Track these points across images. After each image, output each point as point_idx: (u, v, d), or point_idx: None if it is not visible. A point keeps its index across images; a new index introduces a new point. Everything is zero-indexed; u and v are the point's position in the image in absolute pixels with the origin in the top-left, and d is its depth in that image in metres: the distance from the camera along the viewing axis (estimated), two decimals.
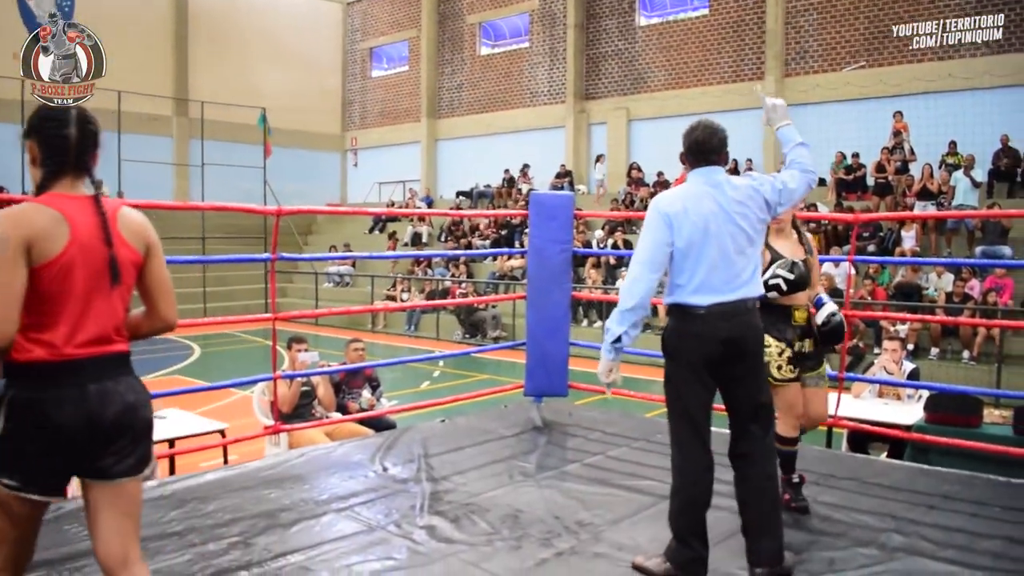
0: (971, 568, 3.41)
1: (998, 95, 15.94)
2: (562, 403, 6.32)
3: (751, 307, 3.22)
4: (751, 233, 3.21)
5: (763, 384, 3.32)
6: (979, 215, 13.18)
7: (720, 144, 3.26)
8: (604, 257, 16.16)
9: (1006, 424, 5.67)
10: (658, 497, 4.22)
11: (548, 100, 22.70)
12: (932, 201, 14.63)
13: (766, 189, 3.26)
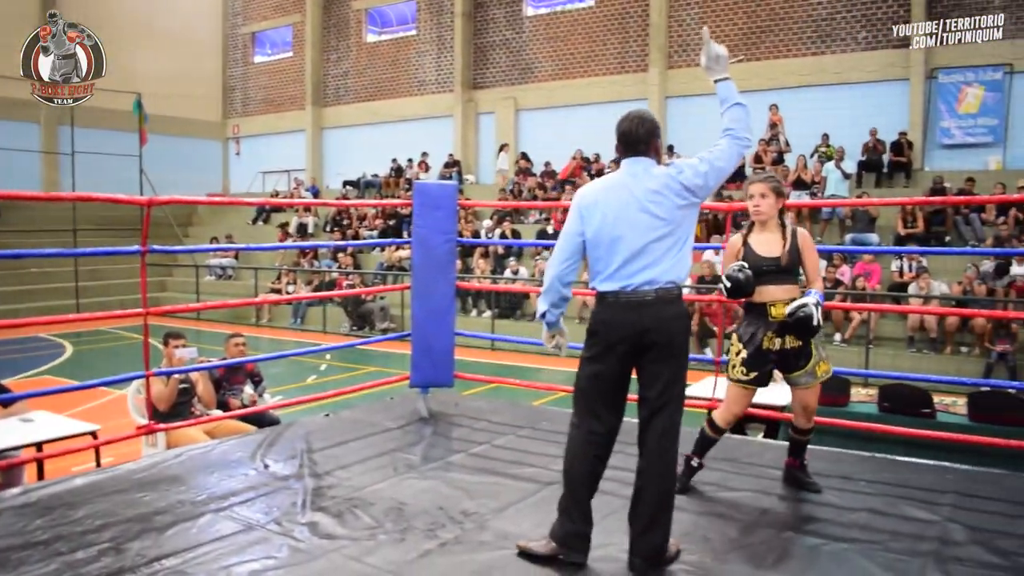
0: (838, 541, 3.59)
1: (868, 89, 16.78)
2: (448, 394, 6.32)
3: (665, 297, 3.20)
4: (668, 221, 3.21)
5: (672, 378, 3.23)
6: (849, 204, 13.85)
7: (647, 134, 3.31)
8: (492, 247, 16.21)
9: (871, 402, 6.00)
10: (542, 484, 4.27)
11: (436, 89, 22.60)
12: (806, 191, 15.29)
13: (686, 175, 3.24)
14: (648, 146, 3.31)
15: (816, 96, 17.18)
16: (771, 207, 4.07)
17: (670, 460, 3.26)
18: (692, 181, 3.24)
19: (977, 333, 11.63)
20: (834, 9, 17.18)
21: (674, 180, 3.24)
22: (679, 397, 3.27)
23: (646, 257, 3.20)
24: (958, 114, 16.29)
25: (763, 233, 4.09)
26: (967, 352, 11.75)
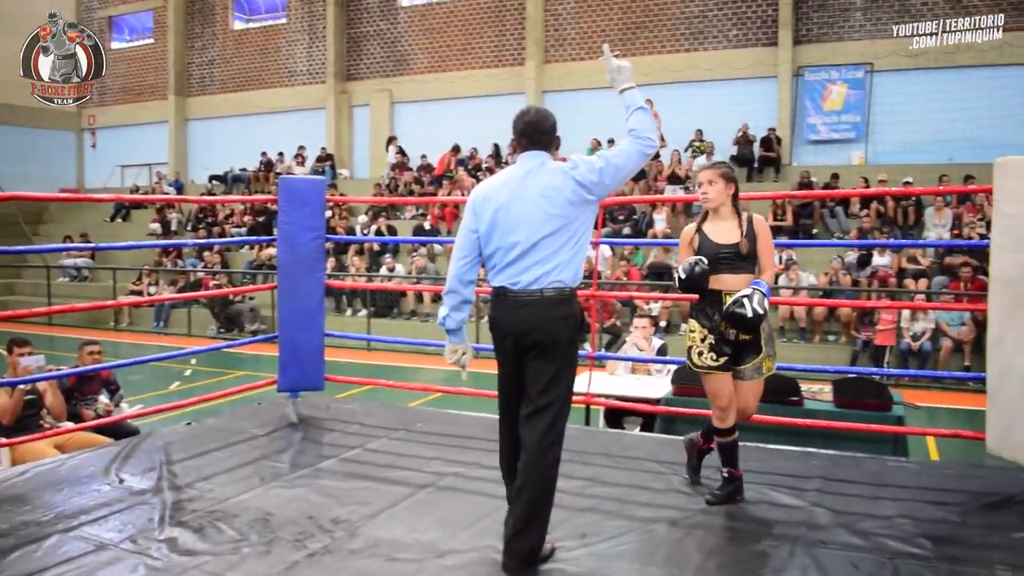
0: (707, 529, 3.69)
1: (739, 86, 17.42)
2: (319, 397, 6.19)
3: (553, 297, 3.20)
4: (560, 218, 3.21)
5: (554, 378, 3.22)
6: None
7: (552, 128, 3.35)
8: (368, 244, 16.01)
9: None
10: (416, 487, 4.23)
11: (308, 80, 22.13)
12: (681, 185, 15.74)
13: (580, 171, 3.25)
14: (551, 140, 3.36)
15: (690, 92, 17.72)
16: (719, 193, 4.00)
17: (550, 461, 3.24)
18: (586, 177, 3.24)
19: (843, 322, 12.25)
20: (706, 7, 17.76)
21: (567, 176, 3.25)
22: (563, 398, 3.26)
23: (536, 254, 3.21)
24: (823, 111, 17.12)
25: (718, 221, 4.04)
26: (834, 340, 12.37)
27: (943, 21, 15.24)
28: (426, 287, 14.58)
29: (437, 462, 4.66)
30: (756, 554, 3.45)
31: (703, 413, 5.47)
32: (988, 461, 4.66)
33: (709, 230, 4.04)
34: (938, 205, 13.82)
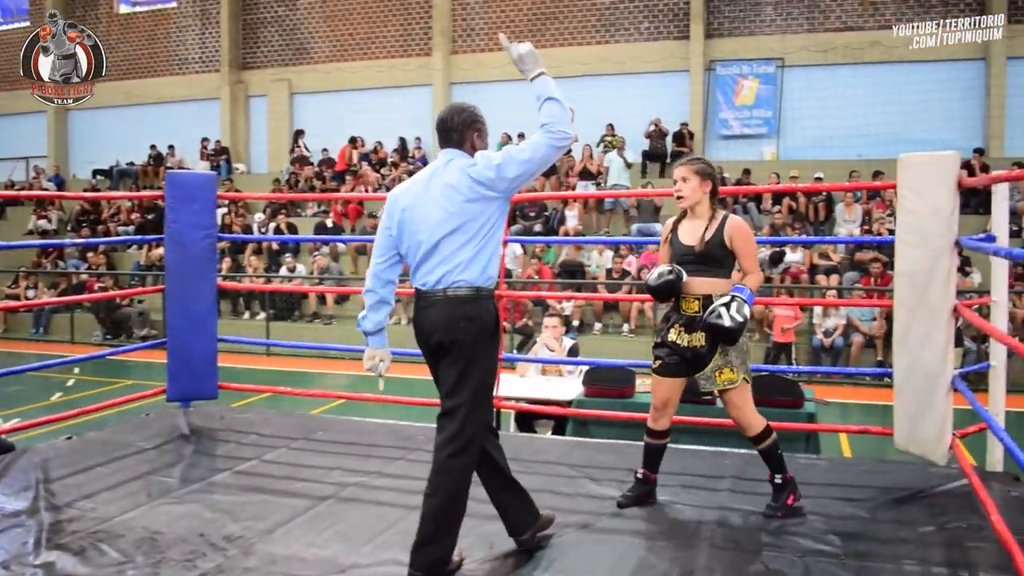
0: (619, 533, 3.74)
1: (651, 80, 17.72)
2: (213, 406, 6.03)
3: (456, 298, 3.22)
4: (458, 216, 3.22)
5: (458, 383, 3.24)
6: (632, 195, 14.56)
7: (461, 124, 3.35)
8: (266, 243, 15.71)
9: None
10: (316, 499, 4.16)
11: (200, 68, 21.59)
12: (592, 181, 15.93)
13: (477, 168, 3.25)
14: (462, 137, 3.36)
15: (601, 85, 17.94)
16: (693, 191, 3.96)
17: (455, 469, 3.23)
18: (482, 175, 3.24)
19: (756, 319, 12.59)
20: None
21: (464, 173, 3.26)
22: (470, 403, 3.25)
23: (438, 255, 3.25)
24: (735, 106, 17.58)
25: (693, 220, 4.01)
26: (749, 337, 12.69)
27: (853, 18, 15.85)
28: (329, 288, 14.40)
29: (338, 472, 4.60)
30: (667, 557, 3.50)
31: (616, 415, 5.55)
32: (897, 457, 4.84)
33: (682, 229, 4.03)
34: (848, 201, 14.34)
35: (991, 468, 4.49)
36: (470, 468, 3.29)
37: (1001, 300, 4.35)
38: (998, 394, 4.39)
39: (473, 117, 3.40)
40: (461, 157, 3.34)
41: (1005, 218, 4.27)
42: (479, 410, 3.29)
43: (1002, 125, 16.27)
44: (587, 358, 8.29)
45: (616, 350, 12.22)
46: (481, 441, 3.34)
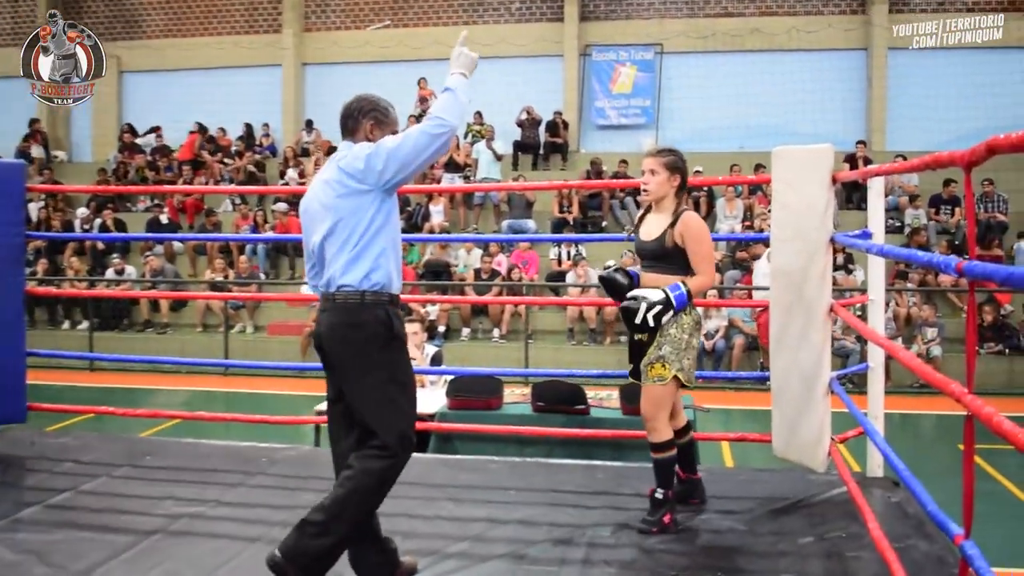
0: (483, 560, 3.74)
1: (522, 65, 17.86)
2: (21, 431, 5.73)
3: (339, 303, 3.26)
4: (333, 213, 3.28)
5: (359, 397, 3.27)
6: (502, 188, 14.69)
7: (357, 112, 3.41)
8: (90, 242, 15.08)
9: (525, 402, 6.36)
10: (141, 534, 4.00)
11: (12, 41, 20.51)
12: (460, 174, 15.96)
13: (347, 159, 3.29)
14: (357, 126, 3.41)
15: None
16: (660, 185, 4.06)
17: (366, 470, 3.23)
18: (352, 166, 3.27)
19: (606, 320, 12.85)
20: None
21: (335, 166, 3.33)
22: (373, 417, 3.26)
23: (324, 256, 3.35)
24: (612, 94, 17.94)
25: (656, 214, 4.15)
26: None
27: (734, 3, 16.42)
28: (163, 293, 13.94)
29: (169, 502, 4.44)
30: None
31: (482, 429, 5.57)
32: (777, 465, 5.03)
33: (645, 224, 4.17)
34: (729, 196, 14.84)
35: (872, 473, 4.71)
36: (386, 474, 3.25)
37: (878, 299, 4.57)
38: (877, 396, 4.61)
39: (372, 105, 3.44)
40: (345, 149, 3.39)
41: (881, 213, 4.50)
42: (391, 420, 3.27)
43: (884, 117, 17.18)
44: (452, 367, 8.30)
45: (486, 357, 12.29)
46: (403, 455, 3.32)
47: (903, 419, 10.24)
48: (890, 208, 15.09)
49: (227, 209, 16.94)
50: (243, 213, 15.91)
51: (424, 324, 7.22)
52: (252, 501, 4.45)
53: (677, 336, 4.04)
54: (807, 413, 4.34)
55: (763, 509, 4.33)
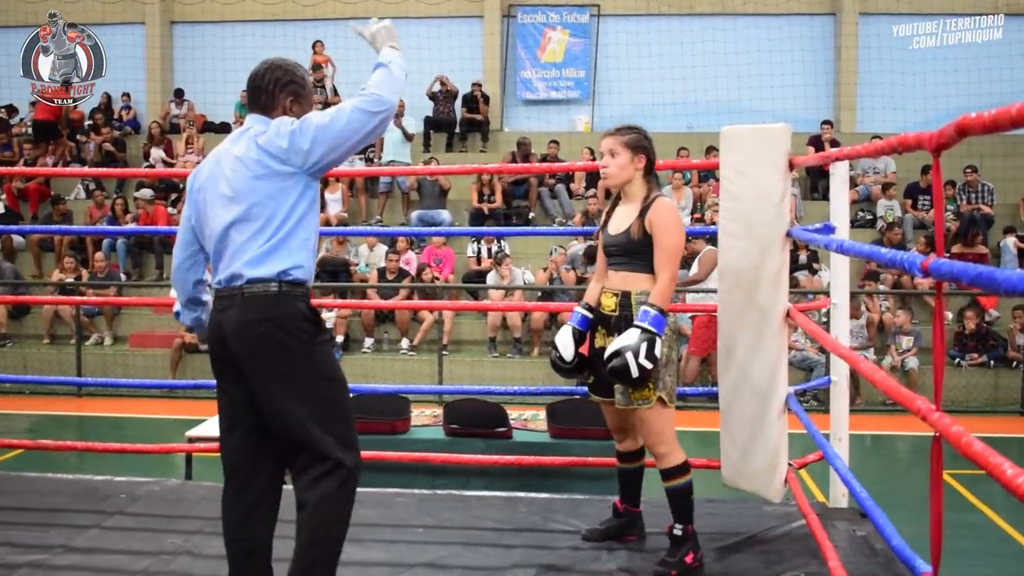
0: None
1: (435, 28, 17.81)
2: None
3: (252, 297, 3.26)
4: (245, 196, 3.28)
5: (287, 406, 3.27)
6: (410, 172, 14.65)
7: (272, 83, 3.44)
8: None
9: (437, 425, 6.38)
10: None
11: None
12: (362, 156, 15.89)
13: (267, 136, 3.31)
14: (272, 100, 3.44)
15: None
16: (622, 168, 4.09)
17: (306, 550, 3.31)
18: (272, 142, 3.28)
19: (533, 329, 12.92)
20: None
21: (252, 143, 3.33)
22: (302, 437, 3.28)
23: (228, 245, 3.33)
24: (541, 63, 18.04)
25: (625, 205, 4.18)
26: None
27: None
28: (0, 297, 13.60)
29: (5, 549, 4.36)
30: None
31: (385, 456, 5.56)
32: (726, 494, 5.13)
33: (615, 216, 4.21)
34: (676, 183, 15.03)
35: (836, 504, 4.80)
36: (349, 494, 3.37)
37: (841, 303, 4.66)
38: (840, 415, 4.71)
39: (290, 76, 3.48)
40: (261, 124, 3.39)
41: (844, 204, 4.59)
42: (340, 433, 3.36)
43: (854, 94, 17.57)
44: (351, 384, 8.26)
45: (392, 372, 12.27)
46: (358, 466, 3.43)
47: (875, 441, 10.50)
48: (862, 199, 15.45)
49: (79, 196, 16.63)
50: (98, 201, 15.62)
51: None
52: (108, 546, 4.39)
53: (663, 352, 4.06)
54: (760, 435, 4.42)
55: (711, 546, 4.40)
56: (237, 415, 3.37)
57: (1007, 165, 15.77)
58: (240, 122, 16.92)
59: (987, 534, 7.32)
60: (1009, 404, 11.95)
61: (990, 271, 1.90)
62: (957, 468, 6.02)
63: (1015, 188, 15.58)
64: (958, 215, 14.81)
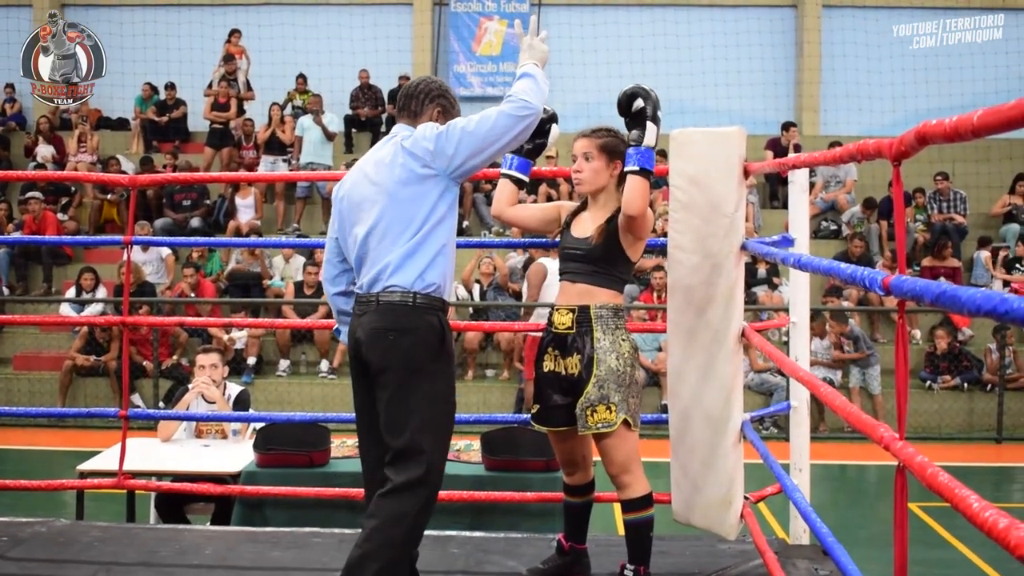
0: None
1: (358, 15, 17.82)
2: None
3: (389, 303, 3.61)
4: (390, 203, 3.63)
5: (401, 414, 3.58)
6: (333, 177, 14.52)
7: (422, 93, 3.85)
8: None
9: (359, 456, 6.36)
10: None
11: None
12: (282, 157, 15.80)
13: (413, 138, 3.67)
14: (421, 108, 3.83)
15: (287, 20, 17.86)
16: (596, 173, 4.20)
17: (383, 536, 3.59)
18: (419, 145, 3.63)
19: (504, 350, 12.95)
20: None
21: (397, 147, 3.69)
22: (419, 441, 3.59)
23: (369, 250, 3.68)
24: (476, 56, 18.11)
25: (593, 210, 4.28)
26: (493, 377, 13.07)
27: None
28: None
29: None
30: None
31: (301, 492, 5.54)
32: (678, 531, 5.16)
33: (578, 220, 4.30)
34: None
35: (796, 540, 4.83)
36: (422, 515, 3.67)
37: (801, 321, 4.71)
38: (800, 443, 4.76)
39: (442, 91, 3.89)
40: (407, 130, 3.74)
41: (804, 214, 4.65)
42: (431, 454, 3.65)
43: (817, 93, 17.81)
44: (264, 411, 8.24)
45: (311, 397, 12.21)
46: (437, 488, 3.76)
47: (840, 471, 10.63)
48: (827, 208, 15.67)
49: None
50: None
51: (227, 355, 7.15)
52: None
53: (620, 369, 4.13)
54: (714, 466, 4.45)
55: None
56: (369, 414, 3.75)
57: (980, 171, 16.04)
58: (140, 118, 16.85)
59: (960, 572, 7.41)
60: (984, 430, 12.10)
61: (953, 289, 1.95)
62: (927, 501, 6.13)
63: (988, 196, 15.85)
64: (928, 225, 15.05)
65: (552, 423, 4.27)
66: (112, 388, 12.08)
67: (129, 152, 16.71)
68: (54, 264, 14.42)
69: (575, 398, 4.15)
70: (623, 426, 4.13)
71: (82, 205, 15.77)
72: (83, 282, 12.55)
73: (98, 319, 9.50)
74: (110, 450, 6.30)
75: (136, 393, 12.03)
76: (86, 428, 10.90)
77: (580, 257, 4.20)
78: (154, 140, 16.96)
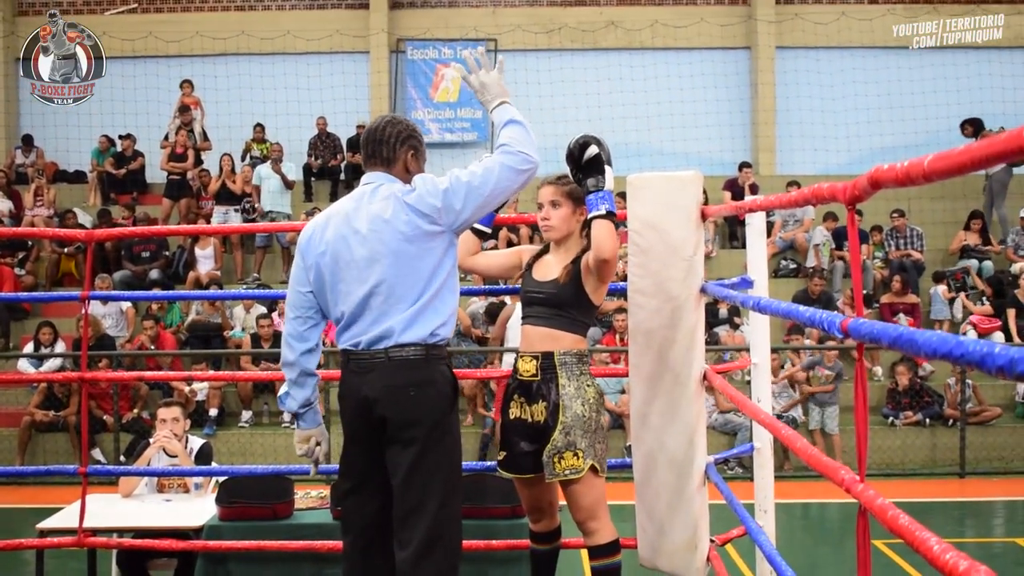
0: None
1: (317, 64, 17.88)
2: None
3: (403, 358, 3.60)
4: (396, 260, 3.60)
5: (413, 470, 3.56)
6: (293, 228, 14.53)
7: (393, 138, 3.80)
8: None
9: (325, 507, 6.32)
10: None
11: None
12: (236, 206, 15.76)
13: (416, 195, 3.64)
14: (393, 155, 3.80)
15: (244, 69, 17.86)
16: (564, 220, 4.29)
17: None
18: (424, 202, 3.61)
19: (467, 395, 12.92)
20: None
21: (399, 202, 3.64)
22: (442, 497, 3.61)
23: (370, 308, 3.63)
24: (433, 102, 18.19)
25: (556, 254, 4.38)
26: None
27: None
28: None
29: None
30: None
31: (266, 545, 5.50)
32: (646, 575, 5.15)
33: (540, 264, 4.37)
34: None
35: None
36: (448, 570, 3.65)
37: (762, 363, 4.73)
38: (765, 484, 4.77)
39: (410, 131, 3.87)
40: (391, 182, 3.73)
41: (762, 256, 4.68)
42: (455, 504, 3.69)
43: (773, 133, 17.97)
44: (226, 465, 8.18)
45: (274, 448, 12.11)
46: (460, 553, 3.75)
47: (805, 509, 10.65)
48: (785, 247, 15.79)
49: None
50: None
51: (188, 407, 7.11)
52: None
53: (586, 415, 4.22)
54: (679, 510, 4.45)
55: None
56: (366, 474, 3.72)
57: (936, 208, 16.22)
58: (98, 171, 16.75)
59: None
60: (947, 465, 12.14)
61: (910, 333, 1.97)
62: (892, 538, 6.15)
63: (944, 232, 16.02)
64: (887, 262, 15.19)
65: (519, 470, 4.30)
66: (72, 443, 11.92)
67: (87, 205, 16.61)
68: (11, 319, 14.25)
69: (542, 445, 4.19)
70: (590, 472, 4.19)
71: (39, 259, 15.64)
72: (41, 336, 12.41)
73: (56, 376, 9.43)
74: (70, 507, 6.22)
75: (97, 448, 11.90)
76: (45, 485, 10.76)
77: (543, 300, 4.27)
78: (112, 192, 16.85)
